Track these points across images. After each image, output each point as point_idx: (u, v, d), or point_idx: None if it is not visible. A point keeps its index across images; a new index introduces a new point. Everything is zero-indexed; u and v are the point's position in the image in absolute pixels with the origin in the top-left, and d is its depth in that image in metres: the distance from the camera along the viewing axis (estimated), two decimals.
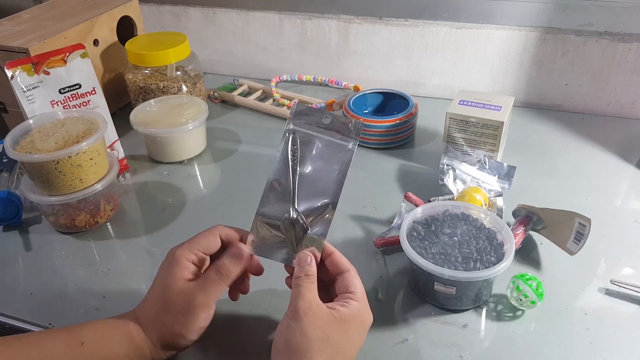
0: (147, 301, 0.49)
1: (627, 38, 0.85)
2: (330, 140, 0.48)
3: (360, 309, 0.45)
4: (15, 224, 0.72)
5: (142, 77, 0.90)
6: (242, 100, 1.00)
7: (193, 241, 0.49)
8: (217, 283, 0.48)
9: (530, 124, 0.91)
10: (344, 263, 0.49)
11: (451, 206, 0.61)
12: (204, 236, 0.50)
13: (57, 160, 0.63)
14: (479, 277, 0.52)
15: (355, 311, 0.45)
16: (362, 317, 0.45)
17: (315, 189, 0.48)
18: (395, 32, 0.97)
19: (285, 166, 0.49)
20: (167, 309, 0.47)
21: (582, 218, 0.58)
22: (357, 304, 0.45)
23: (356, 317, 0.45)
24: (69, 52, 0.70)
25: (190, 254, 0.48)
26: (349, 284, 0.47)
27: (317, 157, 0.48)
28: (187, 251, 0.48)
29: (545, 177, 0.77)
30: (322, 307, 0.44)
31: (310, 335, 0.42)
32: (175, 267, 0.47)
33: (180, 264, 0.47)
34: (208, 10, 1.07)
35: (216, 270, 0.48)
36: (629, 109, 0.91)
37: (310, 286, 0.45)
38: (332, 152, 0.48)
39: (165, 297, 0.47)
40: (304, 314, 0.43)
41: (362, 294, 0.47)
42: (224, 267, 0.48)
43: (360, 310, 0.45)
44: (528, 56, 0.92)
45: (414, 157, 0.83)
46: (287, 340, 0.43)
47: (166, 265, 0.48)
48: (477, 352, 0.52)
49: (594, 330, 0.54)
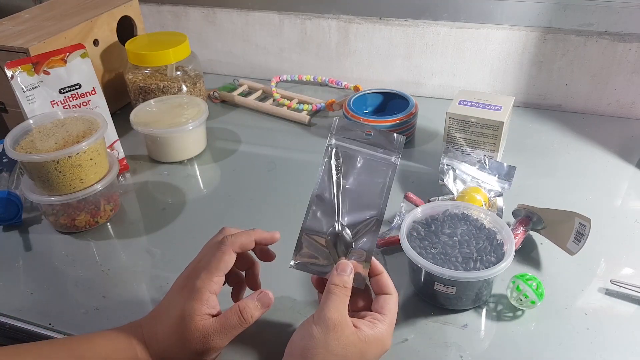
0: (159, 324, 0.47)
1: (627, 38, 0.85)
2: (373, 155, 0.48)
3: (383, 334, 0.45)
4: (15, 224, 0.72)
5: (142, 77, 0.90)
6: (242, 100, 1.00)
7: (211, 267, 0.47)
8: (236, 327, 0.46)
9: (530, 124, 0.91)
10: (389, 286, 0.49)
11: (451, 206, 0.61)
12: (219, 259, 0.47)
13: (57, 160, 0.63)
14: (479, 277, 0.52)
15: (378, 334, 0.45)
16: (383, 341, 0.45)
17: (359, 203, 0.48)
18: (395, 32, 0.97)
19: (328, 180, 0.49)
20: (183, 345, 0.45)
21: (582, 218, 0.58)
22: (383, 327, 0.45)
23: (378, 340, 0.45)
24: (69, 52, 0.70)
25: (212, 284, 0.46)
26: (385, 305, 0.47)
27: (360, 172, 0.48)
28: (208, 281, 0.46)
29: (545, 177, 0.77)
30: (349, 325, 0.43)
31: (332, 351, 0.42)
32: (196, 301, 0.45)
33: (202, 298, 0.45)
34: (208, 10, 1.07)
35: (238, 314, 0.46)
36: (629, 109, 0.91)
37: (344, 299, 0.45)
38: (375, 166, 0.48)
39: (183, 333, 0.45)
40: (333, 328, 0.42)
41: (392, 320, 0.47)
42: (247, 312, 0.46)
43: (383, 334, 0.45)
44: (528, 56, 0.92)
45: (414, 157, 0.83)
46: (306, 349, 0.42)
47: (186, 296, 0.46)
48: (477, 352, 0.52)
49: (594, 330, 0.54)
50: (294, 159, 0.84)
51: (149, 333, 0.47)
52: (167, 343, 0.46)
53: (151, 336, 0.47)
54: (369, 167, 0.48)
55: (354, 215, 0.48)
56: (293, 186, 0.78)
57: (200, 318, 0.45)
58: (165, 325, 0.46)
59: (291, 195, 0.76)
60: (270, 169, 0.82)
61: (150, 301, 0.59)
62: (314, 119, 0.95)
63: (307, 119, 0.93)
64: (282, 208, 0.73)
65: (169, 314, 0.47)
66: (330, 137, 0.48)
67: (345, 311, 0.44)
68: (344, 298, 0.45)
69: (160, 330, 0.47)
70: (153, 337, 0.47)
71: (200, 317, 0.45)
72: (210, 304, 0.46)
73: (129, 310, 0.58)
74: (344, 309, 0.44)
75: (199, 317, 0.45)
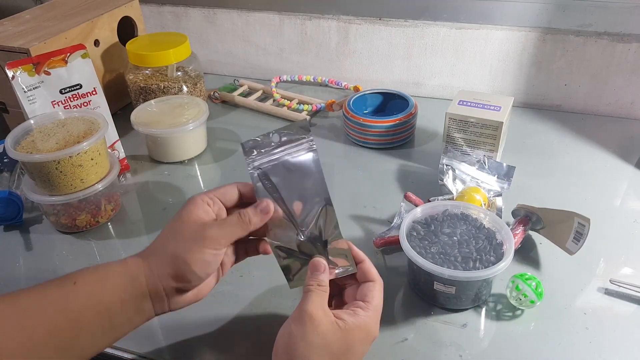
0: (157, 238, 0.47)
1: (626, 38, 0.85)
2: (290, 152, 0.48)
3: (366, 321, 0.44)
4: (16, 223, 0.72)
5: (142, 78, 0.91)
6: (242, 101, 1.00)
7: (211, 190, 0.48)
8: (235, 224, 0.45)
9: (530, 124, 0.91)
10: (372, 273, 0.48)
11: (451, 206, 0.61)
12: (222, 186, 0.48)
13: (58, 160, 0.63)
14: (478, 277, 0.52)
15: (360, 322, 0.44)
16: (367, 328, 0.44)
17: (307, 201, 0.47)
18: (395, 33, 0.97)
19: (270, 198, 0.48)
20: (177, 234, 0.45)
21: (581, 218, 0.58)
22: (365, 314, 0.44)
23: (361, 328, 0.44)
24: (69, 53, 0.70)
25: (207, 198, 0.46)
26: (368, 293, 0.46)
27: (291, 174, 0.47)
28: (205, 195, 0.47)
29: (544, 177, 0.77)
30: (328, 315, 0.43)
31: (311, 341, 0.41)
32: (191, 204, 0.46)
33: (197, 203, 0.46)
34: (208, 11, 1.08)
35: (237, 215, 0.46)
36: (628, 109, 0.91)
37: (321, 294, 0.44)
38: (299, 161, 0.48)
39: (177, 226, 0.45)
40: (309, 319, 0.42)
41: (377, 307, 0.46)
42: (245, 215, 0.46)
43: (366, 321, 0.44)
44: (527, 56, 0.92)
45: (413, 157, 0.83)
46: (288, 345, 0.42)
47: (183, 206, 0.47)
48: (476, 352, 0.52)
49: (593, 329, 0.54)
50: None
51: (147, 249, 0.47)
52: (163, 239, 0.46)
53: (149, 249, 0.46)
54: (295, 165, 0.47)
55: (308, 214, 0.47)
56: None
57: (196, 216, 0.45)
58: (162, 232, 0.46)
59: None
60: None
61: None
62: (314, 119, 0.95)
63: (307, 119, 0.93)
64: None
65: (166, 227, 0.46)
66: (247, 164, 0.47)
67: (323, 304, 0.43)
68: (321, 294, 0.44)
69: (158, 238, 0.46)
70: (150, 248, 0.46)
71: (196, 215, 0.45)
72: (206, 210, 0.46)
73: None
74: (321, 302, 0.43)
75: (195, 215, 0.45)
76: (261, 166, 0.47)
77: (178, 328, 0.56)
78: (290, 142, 0.47)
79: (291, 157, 0.48)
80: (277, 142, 0.47)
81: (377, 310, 0.46)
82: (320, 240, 0.48)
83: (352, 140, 0.87)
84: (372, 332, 0.45)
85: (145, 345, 0.55)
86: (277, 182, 0.47)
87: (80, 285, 0.43)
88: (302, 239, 0.48)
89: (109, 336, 0.44)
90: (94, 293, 0.43)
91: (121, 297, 0.43)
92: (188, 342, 0.55)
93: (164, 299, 0.45)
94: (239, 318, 0.57)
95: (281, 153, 0.48)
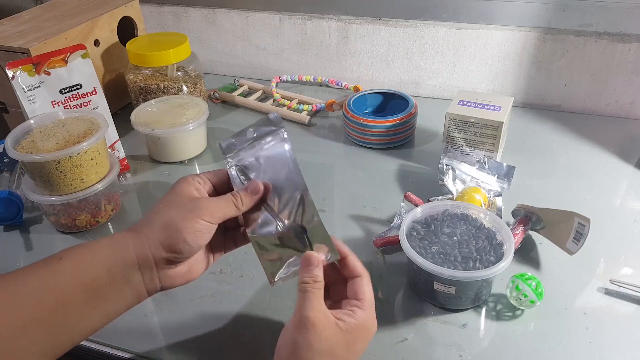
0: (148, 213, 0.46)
1: (626, 38, 0.85)
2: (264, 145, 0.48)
3: (365, 319, 0.44)
4: (16, 223, 0.72)
5: (142, 78, 0.91)
6: (242, 101, 1.00)
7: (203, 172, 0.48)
8: (229, 202, 0.45)
9: (530, 124, 0.91)
10: (357, 267, 0.47)
11: (451, 206, 0.61)
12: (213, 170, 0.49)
13: (58, 160, 0.63)
14: (478, 277, 0.52)
15: (360, 321, 0.43)
16: (367, 326, 0.44)
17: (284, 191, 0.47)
18: (395, 33, 0.97)
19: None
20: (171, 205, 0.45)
21: (581, 218, 0.58)
22: (363, 313, 0.44)
23: (361, 327, 0.43)
24: (69, 53, 0.70)
25: (198, 177, 0.47)
26: (359, 290, 0.45)
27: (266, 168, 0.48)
28: (195, 175, 0.47)
29: (544, 177, 0.77)
30: (329, 318, 0.42)
31: (315, 348, 0.41)
32: (184, 182, 0.46)
33: (189, 181, 0.46)
34: (208, 11, 1.08)
35: (231, 194, 0.46)
36: (628, 109, 0.91)
37: (318, 293, 0.43)
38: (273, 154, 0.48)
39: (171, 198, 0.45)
40: (311, 326, 0.41)
41: (371, 302, 0.45)
42: (239, 195, 0.46)
43: (365, 319, 0.44)
44: (527, 56, 0.92)
45: (413, 157, 0.83)
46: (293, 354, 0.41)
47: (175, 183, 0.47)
48: (476, 352, 0.52)
49: (593, 329, 0.54)
50: None
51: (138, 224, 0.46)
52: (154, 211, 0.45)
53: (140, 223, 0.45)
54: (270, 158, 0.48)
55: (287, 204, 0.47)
56: None
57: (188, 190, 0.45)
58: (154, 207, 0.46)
59: None
60: None
61: (150, 299, 0.59)
62: (314, 119, 0.95)
63: (307, 120, 0.93)
64: None
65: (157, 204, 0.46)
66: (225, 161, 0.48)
67: (322, 306, 0.43)
68: (318, 293, 0.43)
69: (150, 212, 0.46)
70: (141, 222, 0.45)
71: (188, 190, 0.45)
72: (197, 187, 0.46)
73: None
74: (320, 304, 0.43)
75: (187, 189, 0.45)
76: (238, 162, 0.48)
77: (178, 328, 0.56)
78: (263, 136, 0.48)
79: (265, 151, 0.48)
80: (251, 138, 0.48)
81: (371, 305, 0.45)
82: (299, 229, 0.47)
83: (352, 140, 0.87)
84: (371, 329, 0.45)
85: (144, 345, 0.55)
86: (254, 176, 0.48)
87: (66, 260, 0.42)
88: (281, 230, 0.47)
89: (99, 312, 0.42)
90: (80, 266, 0.42)
91: (107, 266, 0.42)
92: (188, 342, 0.55)
93: (153, 269, 0.44)
94: (238, 318, 0.57)
95: (256, 147, 0.48)
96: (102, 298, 0.42)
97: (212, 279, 0.62)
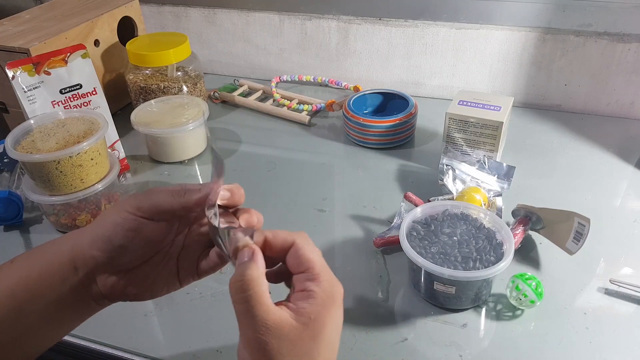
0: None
1: (626, 38, 0.85)
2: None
3: (326, 290, 0.34)
4: (16, 223, 0.72)
5: (142, 78, 0.91)
6: (242, 101, 1.00)
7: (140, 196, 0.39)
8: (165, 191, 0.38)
9: (530, 124, 0.91)
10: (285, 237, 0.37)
11: (451, 206, 0.61)
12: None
13: (58, 160, 0.63)
14: (478, 277, 0.52)
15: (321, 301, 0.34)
16: (332, 298, 0.34)
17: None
18: (394, 33, 0.97)
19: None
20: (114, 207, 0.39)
21: (581, 218, 0.58)
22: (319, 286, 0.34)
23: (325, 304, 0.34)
24: (69, 53, 0.70)
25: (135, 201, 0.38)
26: (301, 258, 0.35)
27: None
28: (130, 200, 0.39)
29: (544, 177, 0.77)
30: (283, 319, 0.33)
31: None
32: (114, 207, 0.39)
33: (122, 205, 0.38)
34: (208, 11, 1.08)
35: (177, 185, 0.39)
36: (628, 109, 0.91)
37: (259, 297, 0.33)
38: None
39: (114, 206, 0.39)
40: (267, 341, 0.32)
41: (321, 265, 0.35)
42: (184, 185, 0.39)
43: (326, 291, 0.34)
44: (527, 56, 0.92)
45: (413, 157, 0.83)
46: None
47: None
48: (476, 352, 0.52)
49: (593, 329, 0.54)
50: (294, 159, 0.85)
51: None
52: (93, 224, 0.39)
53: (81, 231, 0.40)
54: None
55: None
56: (293, 186, 0.78)
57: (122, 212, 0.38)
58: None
59: (291, 195, 0.76)
60: (270, 169, 0.82)
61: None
62: (314, 119, 0.95)
63: (307, 119, 0.93)
64: (282, 208, 0.73)
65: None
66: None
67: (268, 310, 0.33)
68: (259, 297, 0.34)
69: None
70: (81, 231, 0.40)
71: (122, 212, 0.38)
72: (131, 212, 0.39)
73: (129, 308, 0.58)
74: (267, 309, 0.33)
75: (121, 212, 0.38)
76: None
77: (178, 328, 0.56)
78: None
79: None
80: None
81: (324, 269, 0.35)
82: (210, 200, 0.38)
83: (352, 140, 0.87)
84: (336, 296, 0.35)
85: (145, 345, 0.55)
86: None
87: (16, 262, 0.41)
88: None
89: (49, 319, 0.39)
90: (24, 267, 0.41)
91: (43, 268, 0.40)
92: (188, 342, 0.55)
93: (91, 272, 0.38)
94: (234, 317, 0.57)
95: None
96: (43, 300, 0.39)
97: (212, 279, 0.61)
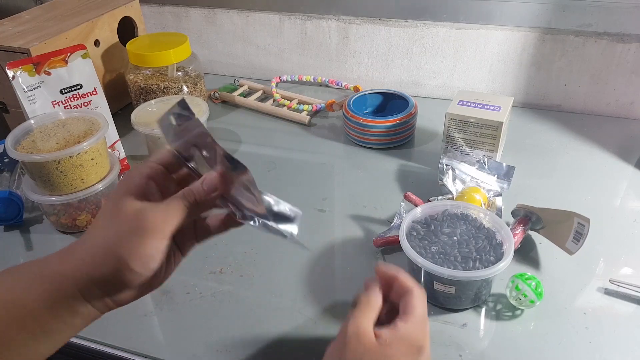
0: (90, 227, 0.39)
1: (626, 38, 0.85)
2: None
3: (408, 332, 0.41)
4: (16, 223, 0.72)
5: (143, 78, 0.91)
6: (242, 101, 1.00)
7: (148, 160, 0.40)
8: (178, 206, 0.38)
9: (530, 124, 0.91)
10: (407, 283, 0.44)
11: (450, 206, 0.61)
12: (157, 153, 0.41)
13: (58, 160, 0.63)
14: (478, 277, 0.52)
15: (401, 334, 0.40)
16: (410, 340, 0.41)
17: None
18: (394, 33, 0.98)
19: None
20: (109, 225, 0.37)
21: (581, 218, 0.58)
22: (405, 326, 0.41)
23: (401, 340, 0.40)
24: (70, 53, 0.71)
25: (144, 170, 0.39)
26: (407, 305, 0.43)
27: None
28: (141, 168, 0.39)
29: (544, 177, 0.77)
30: (368, 334, 0.40)
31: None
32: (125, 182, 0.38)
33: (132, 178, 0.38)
34: (208, 11, 1.08)
35: (182, 195, 0.38)
36: (628, 109, 0.91)
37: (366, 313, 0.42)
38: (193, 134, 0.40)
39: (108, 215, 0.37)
40: (348, 341, 0.40)
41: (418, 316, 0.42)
42: (191, 194, 0.38)
43: (408, 332, 0.41)
44: (527, 57, 0.92)
45: (413, 157, 0.83)
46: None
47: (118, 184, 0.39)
48: (476, 352, 0.52)
49: (593, 329, 0.54)
50: (294, 159, 0.85)
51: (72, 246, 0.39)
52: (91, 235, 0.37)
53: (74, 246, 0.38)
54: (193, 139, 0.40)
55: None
56: (293, 186, 0.78)
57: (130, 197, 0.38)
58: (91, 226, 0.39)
59: (291, 195, 0.76)
60: (270, 169, 0.82)
61: (150, 299, 0.59)
62: (314, 119, 0.95)
63: (307, 120, 0.93)
64: None
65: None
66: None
67: (365, 321, 0.41)
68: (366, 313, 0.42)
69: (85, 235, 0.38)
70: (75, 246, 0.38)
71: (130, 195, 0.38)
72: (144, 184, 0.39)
73: (129, 308, 0.58)
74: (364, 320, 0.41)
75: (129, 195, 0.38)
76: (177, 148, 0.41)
77: (178, 328, 0.56)
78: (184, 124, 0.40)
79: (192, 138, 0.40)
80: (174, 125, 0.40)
81: (419, 320, 0.42)
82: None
83: (352, 140, 0.87)
84: (416, 343, 0.41)
85: (145, 345, 0.55)
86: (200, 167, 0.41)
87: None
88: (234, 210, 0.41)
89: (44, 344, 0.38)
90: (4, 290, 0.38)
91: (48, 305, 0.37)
92: (188, 342, 0.55)
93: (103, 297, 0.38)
94: (238, 318, 0.57)
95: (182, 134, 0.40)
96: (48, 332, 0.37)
97: (212, 279, 0.62)
